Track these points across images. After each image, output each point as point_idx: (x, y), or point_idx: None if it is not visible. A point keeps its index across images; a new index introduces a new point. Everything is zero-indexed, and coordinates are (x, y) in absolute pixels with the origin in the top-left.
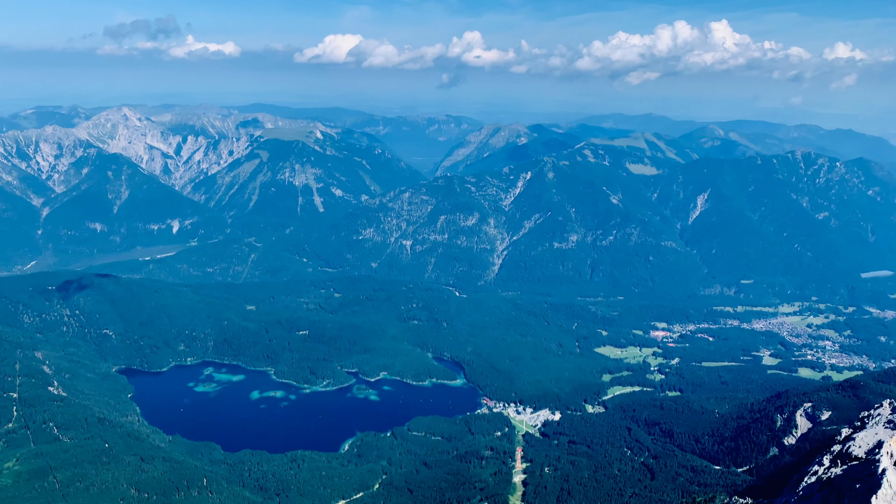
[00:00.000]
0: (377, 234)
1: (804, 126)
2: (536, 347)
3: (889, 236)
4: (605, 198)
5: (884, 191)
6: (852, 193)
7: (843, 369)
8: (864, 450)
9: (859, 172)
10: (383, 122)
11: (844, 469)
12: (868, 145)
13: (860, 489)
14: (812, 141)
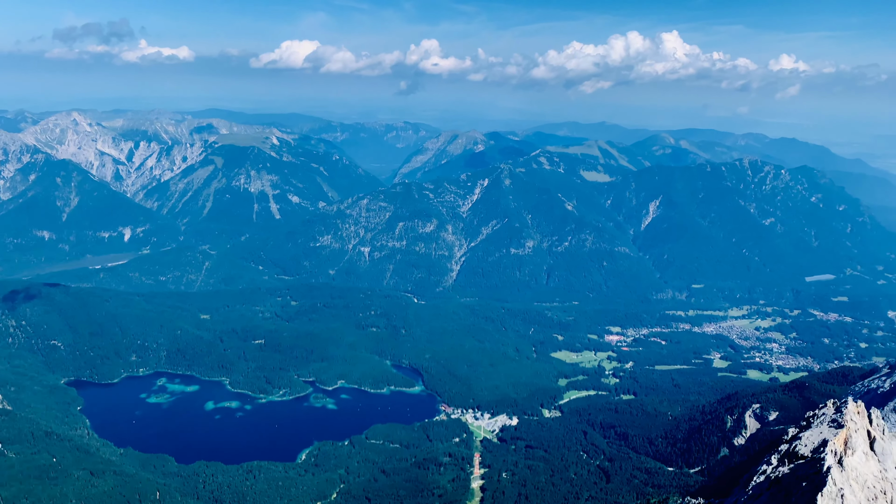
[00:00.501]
0: (335, 240)
1: (751, 135)
2: (494, 353)
3: (831, 241)
4: (561, 204)
5: (826, 198)
6: (797, 200)
7: (789, 371)
8: (810, 449)
9: (803, 180)
10: (341, 129)
11: (791, 468)
12: (811, 154)
13: (806, 487)
14: (758, 149)
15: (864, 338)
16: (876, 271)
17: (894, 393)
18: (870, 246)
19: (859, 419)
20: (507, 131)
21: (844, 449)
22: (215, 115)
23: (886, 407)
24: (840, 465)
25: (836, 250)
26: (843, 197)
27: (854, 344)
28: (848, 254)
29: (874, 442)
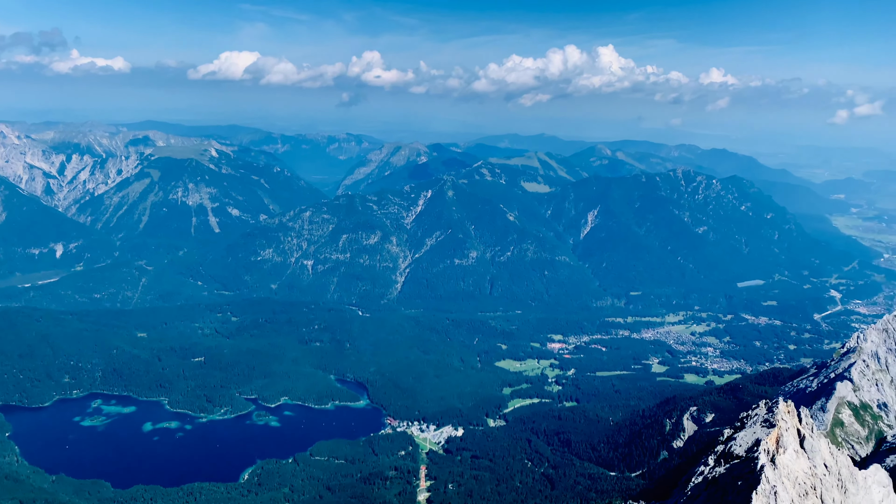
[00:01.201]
0: (277, 254)
1: (684, 146)
2: (439, 364)
3: (760, 248)
4: (503, 215)
5: (755, 206)
6: (728, 209)
7: (723, 374)
8: (745, 448)
9: (733, 189)
10: (282, 140)
11: (727, 468)
12: (740, 164)
13: (742, 486)
14: (691, 160)
15: (793, 340)
16: (802, 276)
17: (821, 392)
18: (796, 252)
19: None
20: (449, 143)
21: (776, 448)
22: (152, 127)
23: (814, 406)
24: (773, 464)
25: (765, 257)
26: (771, 205)
27: (783, 346)
28: (776, 260)
29: (804, 440)
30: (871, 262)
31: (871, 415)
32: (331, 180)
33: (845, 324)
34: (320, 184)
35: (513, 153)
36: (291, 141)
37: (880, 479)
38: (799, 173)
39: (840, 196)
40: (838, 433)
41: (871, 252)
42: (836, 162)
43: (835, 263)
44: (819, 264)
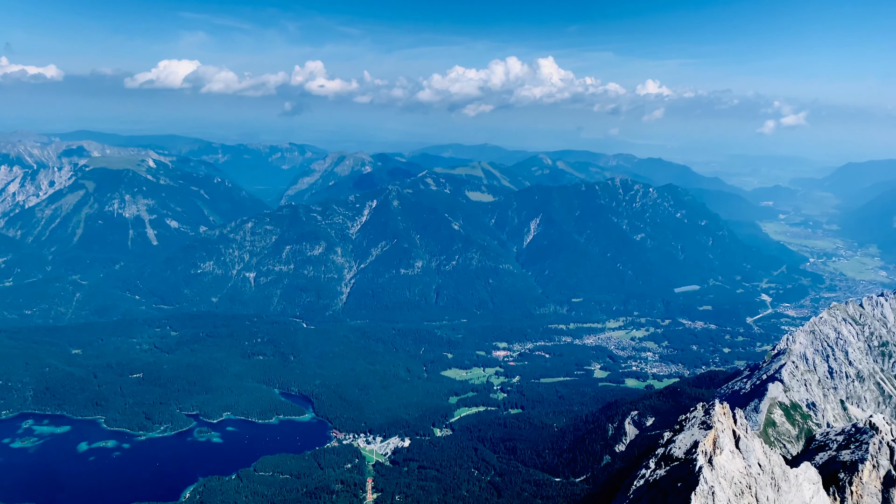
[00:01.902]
0: (217, 266)
1: (621, 155)
2: (385, 375)
3: (695, 254)
4: (448, 224)
5: (689, 213)
6: (664, 216)
7: (662, 377)
8: (683, 451)
9: (669, 197)
10: (222, 150)
11: (668, 470)
12: (675, 172)
13: (681, 488)
14: (628, 169)
15: (727, 343)
16: (735, 281)
17: (754, 393)
18: (729, 258)
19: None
20: (394, 153)
21: (713, 449)
22: (86, 137)
23: (748, 407)
24: (710, 465)
25: (700, 262)
26: (705, 212)
27: (719, 349)
28: (710, 265)
29: (739, 440)
30: (798, 267)
31: (801, 414)
32: (273, 191)
33: (775, 326)
34: (262, 194)
35: (457, 163)
36: (232, 151)
37: (810, 477)
38: (730, 181)
39: (769, 203)
40: (771, 433)
41: (798, 257)
42: (765, 170)
43: (765, 268)
44: (750, 269)
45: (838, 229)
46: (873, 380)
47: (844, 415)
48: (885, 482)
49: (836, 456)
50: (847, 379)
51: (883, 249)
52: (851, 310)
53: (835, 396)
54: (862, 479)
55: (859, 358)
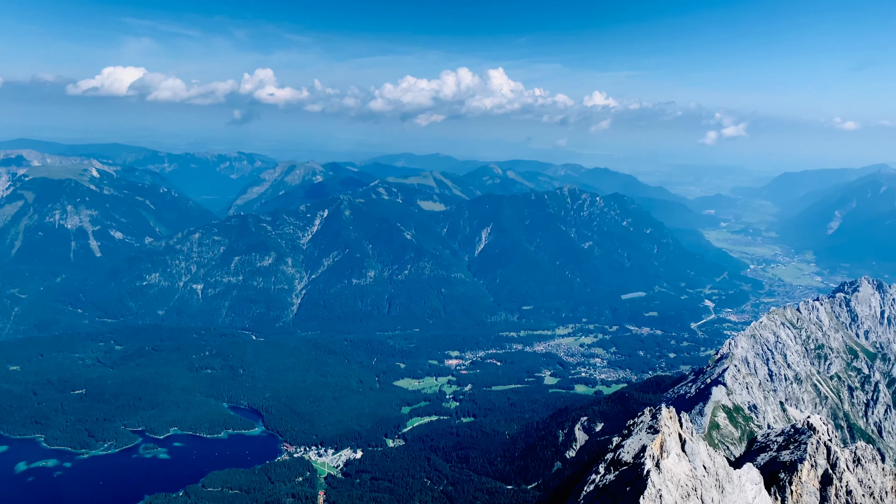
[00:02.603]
0: (164, 278)
1: (569, 165)
2: (337, 386)
3: (641, 261)
4: (400, 233)
5: (635, 222)
6: (610, 225)
7: (611, 383)
8: (632, 455)
9: (615, 206)
10: (169, 159)
11: (617, 475)
12: (621, 182)
13: (630, 492)
14: (576, 178)
15: (673, 348)
16: (679, 287)
17: (699, 397)
18: (673, 265)
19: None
20: (346, 162)
21: (661, 452)
22: (26, 146)
23: (693, 410)
24: (658, 468)
25: (646, 269)
26: (650, 221)
27: (664, 355)
28: (656, 272)
29: (685, 443)
30: (739, 273)
31: (744, 416)
32: (222, 200)
33: (718, 331)
34: (211, 204)
35: (409, 172)
36: (179, 160)
37: (752, 478)
38: (674, 190)
39: (711, 211)
40: (715, 435)
41: (740, 263)
42: (707, 179)
43: (708, 275)
44: (694, 276)
45: (776, 236)
46: (810, 381)
47: (784, 416)
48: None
49: (777, 456)
50: (786, 381)
51: (818, 255)
52: (789, 314)
53: (775, 398)
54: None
55: (797, 361)
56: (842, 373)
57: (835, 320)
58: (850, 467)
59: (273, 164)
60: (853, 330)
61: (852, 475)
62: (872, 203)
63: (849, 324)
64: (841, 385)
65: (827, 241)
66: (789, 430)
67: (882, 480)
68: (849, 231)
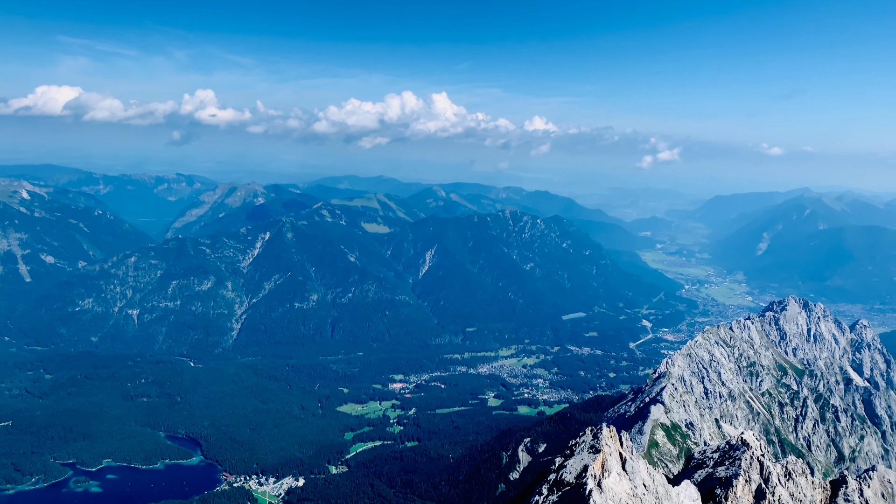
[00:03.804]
0: (98, 304)
1: (511, 188)
2: (278, 413)
3: (581, 282)
4: (344, 256)
5: (575, 244)
6: (551, 246)
7: (553, 403)
8: (574, 475)
9: (555, 228)
10: (104, 181)
11: (560, 495)
12: (561, 205)
13: None
14: (517, 201)
15: (612, 368)
16: (618, 308)
17: (638, 416)
18: (612, 285)
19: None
20: (288, 184)
21: (602, 472)
22: None
23: (633, 429)
24: (599, 488)
25: (586, 290)
26: (589, 243)
27: (605, 374)
28: (595, 293)
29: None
30: (675, 293)
31: (681, 434)
32: (159, 223)
33: (656, 350)
34: (148, 227)
35: (353, 194)
36: (115, 182)
37: (690, 494)
38: (612, 213)
39: (647, 233)
40: (654, 453)
41: (675, 284)
42: (643, 202)
43: (645, 295)
44: (632, 296)
45: (709, 257)
46: (743, 398)
47: (719, 433)
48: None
49: (713, 473)
50: (721, 399)
51: (748, 276)
52: (723, 333)
53: (710, 415)
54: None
55: (731, 378)
56: (772, 389)
57: (765, 338)
58: (782, 481)
59: (213, 185)
60: (782, 347)
61: (784, 489)
62: (797, 225)
63: (778, 342)
64: (772, 401)
65: (756, 262)
66: (724, 446)
67: (812, 493)
68: (776, 252)
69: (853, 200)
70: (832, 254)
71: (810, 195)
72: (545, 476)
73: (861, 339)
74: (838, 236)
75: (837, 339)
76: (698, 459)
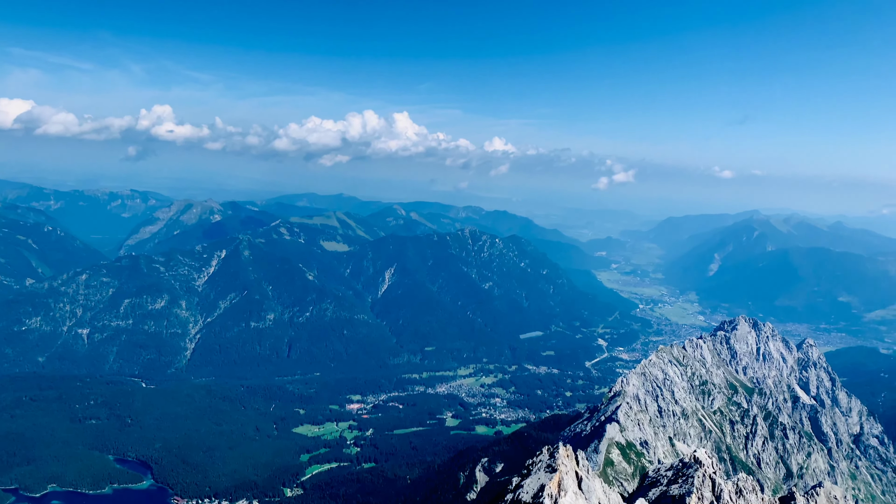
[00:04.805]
0: (46, 323)
1: (470, 207)
2: (233, 435)
3: (539, 302)
4: (302, 274)
5: (532, 263)
6: (509, 266)
7: (511, 423)
8: (531, 494)
9: (513, 247)
10: (56, 197)
11: None
12: (519, 224)
13: None
14: (476, 220)
15: (569, 387)
16: (574, 327)
17: (594, 434)
18: (568, 305)
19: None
20: (246, 201)
21: (558, 491)
22: None
23: (589, 448)
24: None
25: (543, 309)
26: (546, 262)
27: (561, 393)
28: (552, 312)
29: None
30: (629, 313)
31: (636, 452)
32: (112, 240)
33: (611, 369)
34: (100, 244)
35: (313, 212)
36: (66, 197)
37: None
38: (568, 233)
39: (602, 253)
40: (610, 472)
41: (630, 303)
42: (598, 223)
43: (601, 314)
44: (588, 315)
45: (663, 277)
46: (696, 416)
47: (673, 451)
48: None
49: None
50: (674, 417)
51: (700, 296)
52: (676, 352)
53: (664, 434)
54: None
55: (684, 397)
56: (724, 407)
57: (716, 357)
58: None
59: (168, 202)
60: (733, 366)
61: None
62: (747, 246)
63: (729, 360)
64: (723, 419)
65: (708, 282)
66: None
67: None
68: (727, 272)
69: (799, 223)
70: (780, 274)
71: (759, 217)
72: (502, 496)
73: (808, 358)
74: (785, 257)
75: (785, 358)
76: (653, 478)
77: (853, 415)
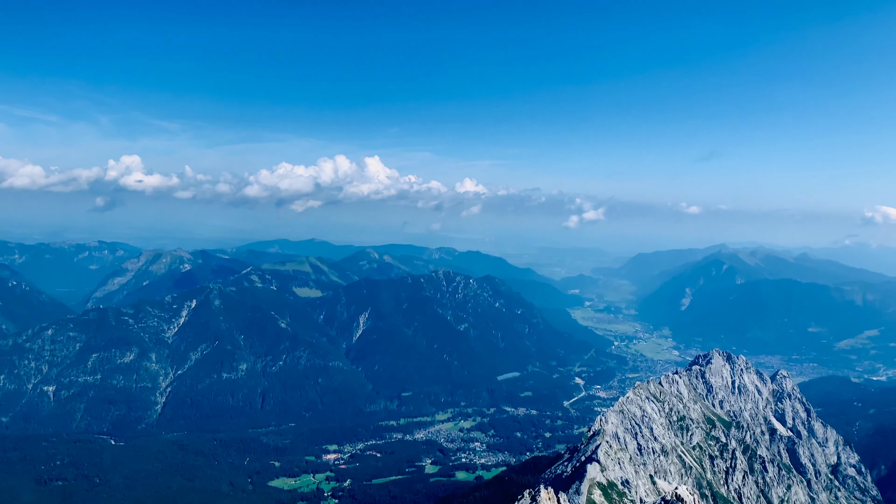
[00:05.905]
0: (10, 381)
1: (443, 248)
2: (205, 491)
3: (514, 342)
4: (274, 322)
5: (507, 303)
6: (484, 306)
7: (491, 467)
8: None
9: (488, 287)
10: (20, 250)
11: None
12: (492, 264)
13: None
14: (450, 262)
15: (548, 427)
16: (551, 366)
17: (575, 475)
18: (544, 344)
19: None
20: (216, 249)
21: None
22: None
23: (570, 490)
24: None
25: (519, 349)
26: (521, 302)
27: (541, 434)
28: (528, 352)
29: None
30: (605, 350)
31: (617, 492)
32: (79, 293)
33: (590, 408)
34: (67, 297)
35: (284, 258)
36: (31, 251)
37: None
38: (541, 271)
39: (576, 291)
40: None
41: (605, 340)
42: (570, 261)
43: (577, 353)
44: (564, 354)
45: (636, 314)
46: (675, 453)
47: (654, 489)
48: None
49: None
50: (654, 454)
51: (674, 331)
52: (653, 388)
53: (645, 472)
54: None
55: (662, 433)
56: (702, 442)
57: (693, 392)
58: None
59: (137, 252)
60: (709, 400)
61: None
62: (717, 280)
63: (705, 394)
64: (703, 454)
65: (681, 317)
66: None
67: None
68: (699, 307)
69: (766, 255)
70: (750, 307)
71: (727, 251)
72: None
73: (782, 389)
74: (754, 290)
75: (760, 390)
76: None
77: (830, 445)
